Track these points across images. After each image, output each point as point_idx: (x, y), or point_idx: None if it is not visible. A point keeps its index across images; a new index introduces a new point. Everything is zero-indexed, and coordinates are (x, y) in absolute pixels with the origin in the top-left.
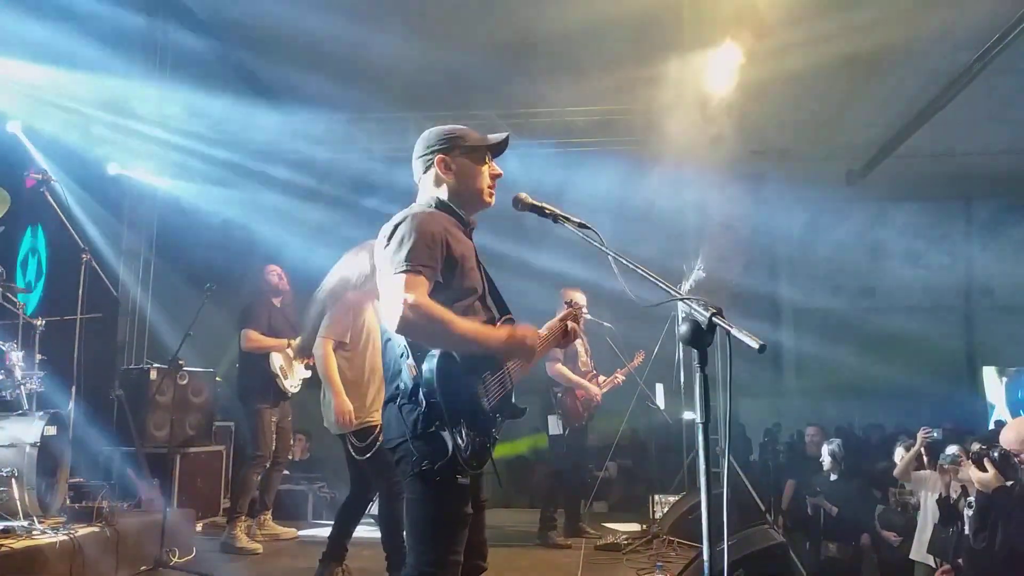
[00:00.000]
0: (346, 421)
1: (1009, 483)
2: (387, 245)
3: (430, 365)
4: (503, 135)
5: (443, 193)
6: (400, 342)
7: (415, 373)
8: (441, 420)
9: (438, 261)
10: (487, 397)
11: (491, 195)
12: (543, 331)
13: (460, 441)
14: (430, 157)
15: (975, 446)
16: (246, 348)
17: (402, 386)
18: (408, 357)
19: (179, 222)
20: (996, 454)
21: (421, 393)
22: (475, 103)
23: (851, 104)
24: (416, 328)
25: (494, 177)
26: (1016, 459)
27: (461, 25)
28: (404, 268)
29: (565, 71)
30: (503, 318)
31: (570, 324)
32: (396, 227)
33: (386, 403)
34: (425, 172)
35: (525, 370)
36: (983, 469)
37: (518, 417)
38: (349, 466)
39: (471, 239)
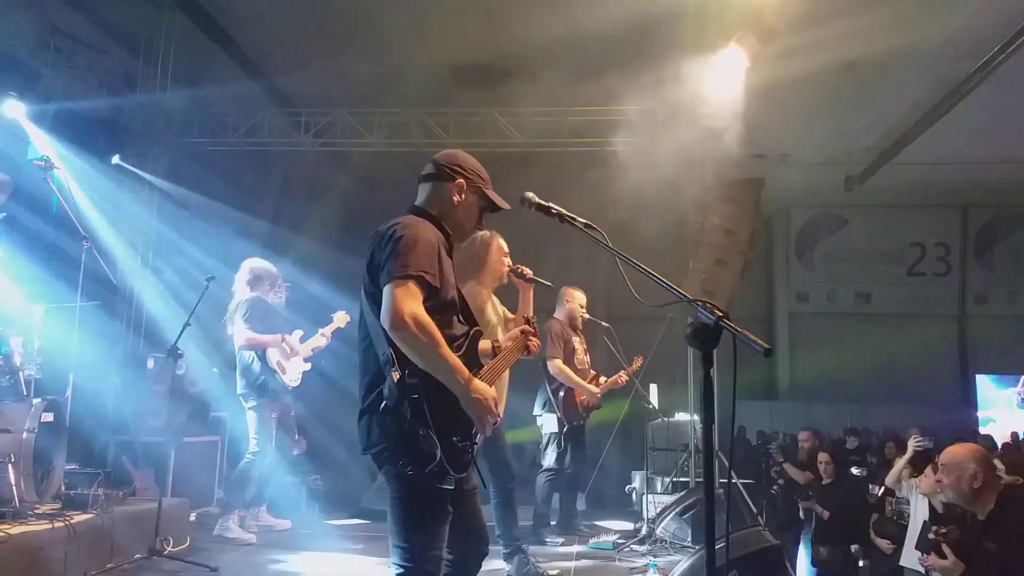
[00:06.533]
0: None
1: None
2: (385, 247)
3: (414, 374)
4: (507, 205)
5: (442, 210)
6: (385, 351)
7: (399, 380)
8: (425, 427)
9: (437, 269)
10: None
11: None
12: (506, 341)
13: (443, 446)
14: (454, 174)
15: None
16: (241, 346)
17: (386, 392)
18: (394, 367)
19: (179, 213)
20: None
21: (406, 402)
22: (478, 101)
23: (852, 110)
24: (408, 335)
25: (476, 228)
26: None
27: (465, 25)
28: (407, 273)
29: (570, 73)
30: (472, 330)
31: (530, 340)
32: (396, 232)
33: (364, 412)
34: (439, 181)
35: (497, 376)
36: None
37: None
38: None
39: (451, 257)
